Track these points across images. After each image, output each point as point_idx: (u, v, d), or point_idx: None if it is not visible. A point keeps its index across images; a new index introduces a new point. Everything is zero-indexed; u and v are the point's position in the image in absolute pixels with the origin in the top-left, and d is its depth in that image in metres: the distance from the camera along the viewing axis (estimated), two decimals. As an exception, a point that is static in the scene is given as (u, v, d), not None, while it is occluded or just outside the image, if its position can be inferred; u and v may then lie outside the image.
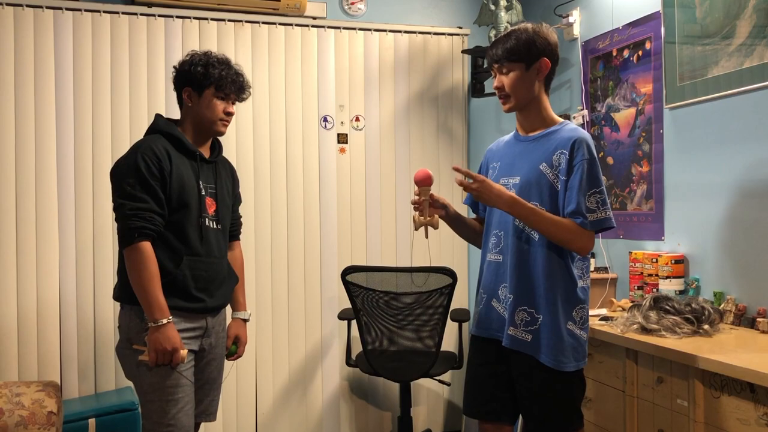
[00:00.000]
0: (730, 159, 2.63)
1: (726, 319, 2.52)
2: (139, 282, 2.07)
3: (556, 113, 2.18)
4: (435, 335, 3.06)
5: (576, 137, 1.98)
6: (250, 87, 2.36)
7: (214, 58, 2.25)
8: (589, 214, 1.94)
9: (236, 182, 2.49)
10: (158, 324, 2.06)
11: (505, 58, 2.04)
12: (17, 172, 3.19)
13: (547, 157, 2.01)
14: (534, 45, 2.03)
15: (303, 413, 3.66)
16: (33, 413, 2.62)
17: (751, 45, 2.50)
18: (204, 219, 2.22)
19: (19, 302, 3.18)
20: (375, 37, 3.79)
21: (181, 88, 2.27)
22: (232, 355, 2.46)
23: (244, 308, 2.50)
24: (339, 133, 3.73)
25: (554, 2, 3.66)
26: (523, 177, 2.04)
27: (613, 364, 2.50)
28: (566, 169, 1.97)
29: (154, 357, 2.07)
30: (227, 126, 2.30)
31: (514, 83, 2.05)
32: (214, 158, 2.34)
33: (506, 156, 2.16)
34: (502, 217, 2.09)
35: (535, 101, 2.08)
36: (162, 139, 2.20)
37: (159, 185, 2.11)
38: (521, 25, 2.09)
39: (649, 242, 3.04)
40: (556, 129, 2.06)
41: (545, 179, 2.00)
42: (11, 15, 3.20)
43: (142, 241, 2.07)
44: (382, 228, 3.79)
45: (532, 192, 2.01)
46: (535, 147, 2.06)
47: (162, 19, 3.42)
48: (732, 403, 2.00)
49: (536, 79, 2.05)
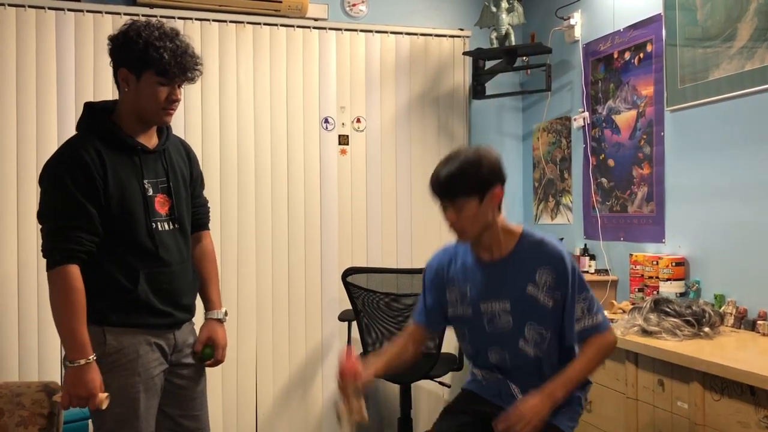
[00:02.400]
0: (731, 161, 2.63)
1: (726, 321, 2.52)
2: (58, 313, 1.79)
3: (558, 115, 2.17)
4: (435, 337, 3.06)
5: (554, 254, 1.93)
6: (200, 64, 1.95)
7: (155, 32, 1.87)
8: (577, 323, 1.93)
9: (194, 163, 2.13)
10: (75, 364, 1.77)
11: (456, 193, 1.89)
12: (19, 172, 3.20)
13: (529, 278, 1.95)
14: (484, 174, 1.89)
15: (303, 415, 3.66)
16: (33, 414, 2.62)
17: (752, 48, 2.50)
18: (155, 223, 1.93)
19: (20, 303, 3.18)
20: (376, 38, 3.79)
21: (116, 68, 1.90)
22: (208, 359, 2.09)
23: (218, 306, 2.14)
24: (340, 134, 3.73)
25: (555, 4, 3.66)
26: (512, 302, 1.96)
27: (613, 367, 2.50)
28: (555, 285, 1.93)
29: (67, 401, 1.81)
30: (172, 114, 1.95)
31: (469, 219, 1.90)
32: (162, 145, 1.99)
33: (477, 280, 2.02)
34: (500, 340, 2.00)
35: (493, 226, 1.95)
36: (92, 136, 1.87)
37: (88, 199, 1.80)
38: (462, 150, 1.95)
39: (650, 244, 3.04)
40: (520, 245, 1.98)
41: (535, 301, 1.94)
42: (13, 15, 3.20)
43: (67, 265, 1.78)
44: (382, 229, 3.79)
45: (526, 315, 1.96)
46: (508, 269, 1.98)
47: (163, 20, 3.39)
48: (732, 406, 1.99)
49: (489, 207, 1.91)
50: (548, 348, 1.97)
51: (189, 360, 2.05)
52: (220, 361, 2.13)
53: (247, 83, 3.55)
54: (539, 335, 1.96)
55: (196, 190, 2.13)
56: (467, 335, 2.09)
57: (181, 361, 2.04)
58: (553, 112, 3.70)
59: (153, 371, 1.93)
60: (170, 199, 1.98)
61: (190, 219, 2.07)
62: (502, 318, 1.98)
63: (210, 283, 2.15)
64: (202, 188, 2.19)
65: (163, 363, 1.97)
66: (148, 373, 1.91)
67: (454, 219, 1.92)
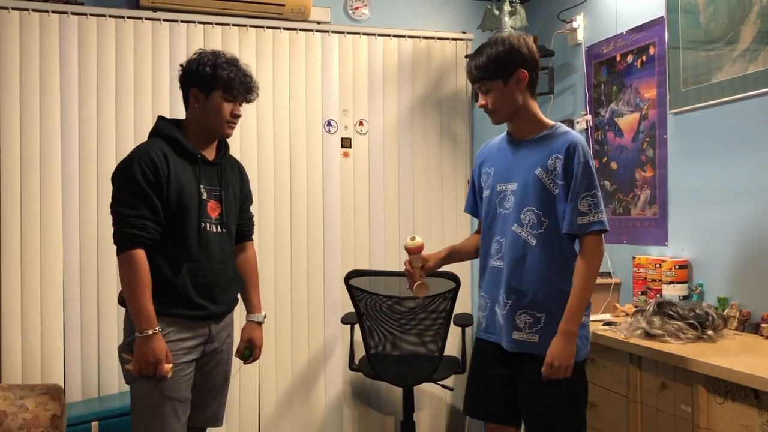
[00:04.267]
0: (734, 164, 2.62)
1: (730, 324, 2.52)
2: (129, 290, 2.04)
3: (559, 118, 2.20)
4: (438, 340, 3.06)
5: (570, 141, 2.02)
6: (258, 88, 2.30)
7: (222, 58, 2.19)
8: (581, 217, 1.97)
9: (245, 181, 2.42)
10: (144, 334, 2.01)
11: (481, 77, 2.06)
12: (22, 175, 3.21)
13: (542, 162, 2.03)
14: (507, 58, 2.03)
15: (306, 417, 3.66)
16: (36, 416, 2.63)
17: (755, 50, 2.50)
18: (205, 223, 2.16)
19: (23, 305, 3.18)
20: (379, 41, 3.80)
21: (187, 89, 2.21)
22: (247, 358, 2.41)
23: (259, 310, 2.44)
24: (343, 137, 3.74)
25: (558, 7, 3.66)
26: (520, 183, 2.07)
27: (616, 370, 2.49)
28: (562, 174, 2.00)
29: (138, 367, 2.02)
30: (234, 128, 2.26)
31: (497, 100, 2.06)
32: (220, 159, 2.28)
33: (500, 161, 2.17)
34: (503, 223, 2.11)
35: (523, 109, 2.09)
36: (161, 142, 2.15)
37: (155, 191, 2.06)
38: (493, 37, 2.10)
39: (653, 247, 3.04)
40: (548, 133, 2.08)
41: (541, 184, 2.03)
42: (17, 19, 3.21)
43: (135, 249, 2.03)
44: (385, 232, 3.79)
45: (530, 197, 2.04)
46: (529, 152, 2.09)
47: (167, 23, 3.43)
48: (736, 409, 1.99)
49: (517, 90, 2.05)
50: (545, 236, 2.02)
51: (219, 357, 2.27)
52: (257, 358, 2.45)
53: (250, 86, 3.55)
54: (537, 219, 2.02)
55: (244, 204, 2.41)
56: (484, 221, 2.20)
57: (212, 354, 2.25)
58: (556, 114, 3.70)
59: (180, 358, 2.11)
60: (221, 205, 2.22)
61: (236, 227, 2.33)
62: (509, 199, 2.08)
63: (251, 289, 2.44)
64: (250, 204, 2.46)
65: (191, 352, 2.15)
66: (173, 359, 2.08)
67: (484, 102, 2.09)
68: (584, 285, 2.00)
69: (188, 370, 2.14)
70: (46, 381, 3.17)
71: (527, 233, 2.03)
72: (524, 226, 2.03)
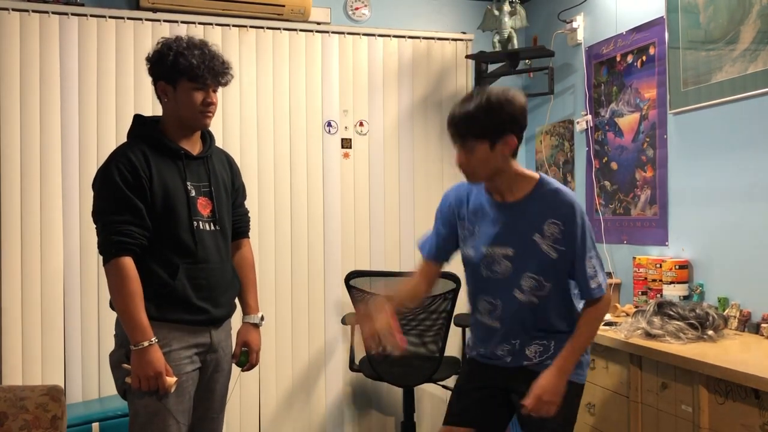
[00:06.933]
0: (734, 164, 2.62)
1: (730, 324, 2.52)
2: (119, 301, 1.93)
3: (561, 118, 2.17)
4: (438, 340, 3.06)
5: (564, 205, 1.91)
6: (230, 68, 2.09)
7: (183, 43, 2.00)
8: (592, 281, 1.94)
9: (236, 173, 2.28)
10: (139, 347, 1.89)
11: (466, 134, 1.86)
12: (22, 176, 3.20)
13: (538, 228, 1.91)
14: (498, 119, 1.84)
15: (306, 418, 3.66)
16: (37, 417, 2.62)
17: (755, 50, 2.50)
18: (197, 222, 2.04)
19: (23, 306, 3.18)
20: (379, 42, 3.80)
21: (155, 83, 2.06)
22: (243, 365, 2.24)
23: (255, 311, 2.27)
24: (343, 138, 3.74)
25: (558, 7, 3.66)
26: (517, 250, 1.94)
27: (617, 370, 2.49)
28: (562, 240, 1.90)
29: (137, 383, 1.91)
30: (211, 117, 2.08)
31: (479, 162, 1.88)
32: (206, 152, 2.13)
33: (486, 220, 2.00)
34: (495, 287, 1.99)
35: (503, 170, 1.92)
36: (139, 142, 2.03)
37: (136, 194, 1.95)
38: (485, 89, 1.90)
39: (653, 247, 3.04)
40: (537, 192, 1.94)
41: (539, 250, 1.92)
42: (17, 20, 3.21)
43: (121, 257, 1.92)
44: (385, 233, 3.79)
45: (529, 264, 1.93)
46: (520, 215, 1.94)
47: (167, 24, 3.43)
48: (737, 409, 1.99)
49: (502, 154, 1.87)
50: (547, 297, 1.95)
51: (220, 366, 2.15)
52: (254, 365, 2.26)
53: (250, 87, 3.55)
54: (537, 283, 1.94)
55: (237, 199, 2.26)
56: (468, 277, 2.09)
57: (213, 364, 2.12)
58: (556, 115, 3.71)
59: (183, 368, 2.00)
60: (212, 202, 2.09)
61: (230, 224, 2.19)
62: (502, 264, 1.95)
63: (248, 289, 2.28)
64: (243, 198, 2.31)
65: (195, 362, 2.05)
66: (177, 369, 1.98)
67: (463, 160, 1.91)
68: (590, 331, 1.96)
69: (192, 381, 2.04)
70: (47, 382, 3.17)
71: (529, 296, 1.95)
72: (525, 291, 1.95)
